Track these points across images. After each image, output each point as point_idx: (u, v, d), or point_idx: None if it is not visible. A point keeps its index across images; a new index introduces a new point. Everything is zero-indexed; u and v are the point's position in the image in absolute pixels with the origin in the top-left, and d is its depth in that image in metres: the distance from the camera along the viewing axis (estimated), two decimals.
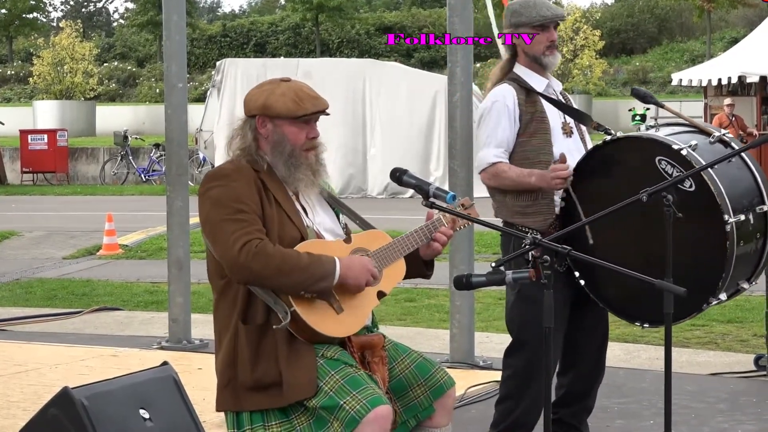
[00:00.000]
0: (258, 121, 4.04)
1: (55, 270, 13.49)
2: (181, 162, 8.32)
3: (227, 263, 3.87)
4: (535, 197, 5.12)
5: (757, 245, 4.95)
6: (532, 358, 5.11)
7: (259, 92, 4.07)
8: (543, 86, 5.27)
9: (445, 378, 4.15)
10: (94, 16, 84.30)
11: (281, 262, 3.81)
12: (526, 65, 5.26)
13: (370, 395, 3.81)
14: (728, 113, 21.35)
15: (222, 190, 3.94)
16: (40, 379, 7.07)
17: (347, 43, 59.26)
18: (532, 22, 5.19)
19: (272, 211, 3.96)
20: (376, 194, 22.80)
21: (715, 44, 51.07)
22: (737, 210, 4.76)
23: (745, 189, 4.91)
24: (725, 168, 4.82)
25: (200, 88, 44.79)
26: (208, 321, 4.13)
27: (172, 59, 8.31)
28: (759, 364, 7.33)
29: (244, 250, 3.81)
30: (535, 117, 5.17)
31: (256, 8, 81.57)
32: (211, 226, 3.93)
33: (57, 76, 45.24)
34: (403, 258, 4.13)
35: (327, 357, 3.91)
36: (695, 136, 4.98)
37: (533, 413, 5.19)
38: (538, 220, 5.10)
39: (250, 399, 3.92)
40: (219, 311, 4.05)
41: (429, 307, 10.17)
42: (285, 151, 4.02)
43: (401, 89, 22.82)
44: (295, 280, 3.82)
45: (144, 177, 28.27)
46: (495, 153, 5.14)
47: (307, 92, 4.07)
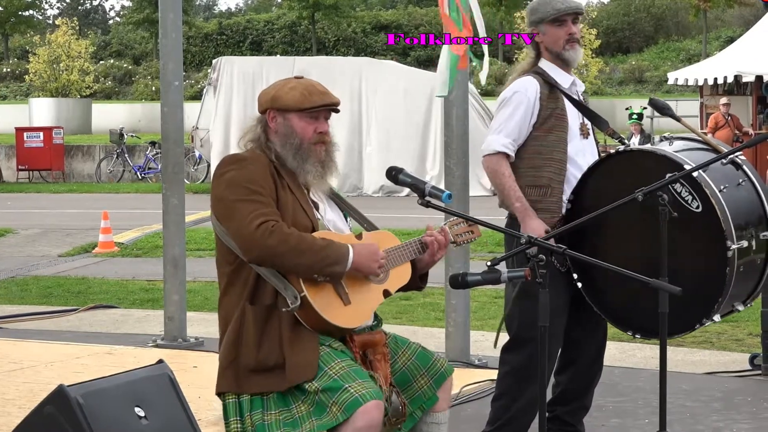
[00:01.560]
0: (268, 115, 4.12)
1: (50, 268, 13.48)
2: (177, 160, 8.31)
3: (244, 239, 3.89)
4: (543, 193, 5.12)
5: (757, 270, 4.97)
6: (531, 356, 5.11)
7: (271, 88, 4.18)
8: (568, 83, 5.25)
9: (445, 366, 4.23)
10: (90, 13, 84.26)
11: (298, 241, 3.86)
12: (551, 61, 5.25)
13: (373, 387, 3.88)
14: (724, 112, 21.36)
15: (238, 173, 4.00)
16: (35, 376, 7.07)
17: (343, 42, 59.28)
18: (549, 17, 5.18)
19: (287, 197, 4.02)
20: (372, 192, 22.81)
21: (711, 43, 51.12)
22: (741, 237, 4.77)
23: (751, 213, 4.92)
24: (734, 191, 4.83)
25: (196, 86, 44.81)
26: (204, 319, 4.14)
27: (168, 57, 8.30)
28: (754, 363, 7.33)
29: (261, 227, 3.85)
30: (555, 113, 5.15)
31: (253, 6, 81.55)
32: (225, 205, 3.97)
33: (53, 73, 45.28)
34: (409, 262, 4.19)
35: (333, 347, 3.97)
36: (707, 155, 4.96)
37: (529, 412, 5.18)
38: (545, 217, 5.10)
39: (252, 381, 3.95)
40: (227, 297, 4.08)
41: (424, 306, 10.18)
42: (294, 144, 4.08)
43: (397, 87, 22.83)
44: (310, 260, 3.87)
45: (140, 175, 28.26)
46: (503, 142, 5.12)
47: (317, 87, 4.15)
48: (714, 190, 4.76)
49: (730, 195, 4.80)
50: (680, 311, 4.71)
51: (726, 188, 4.80)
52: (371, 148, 22.96)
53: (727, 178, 4.86)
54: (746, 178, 4.94)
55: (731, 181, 4.88)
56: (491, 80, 46.18)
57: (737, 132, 21.25)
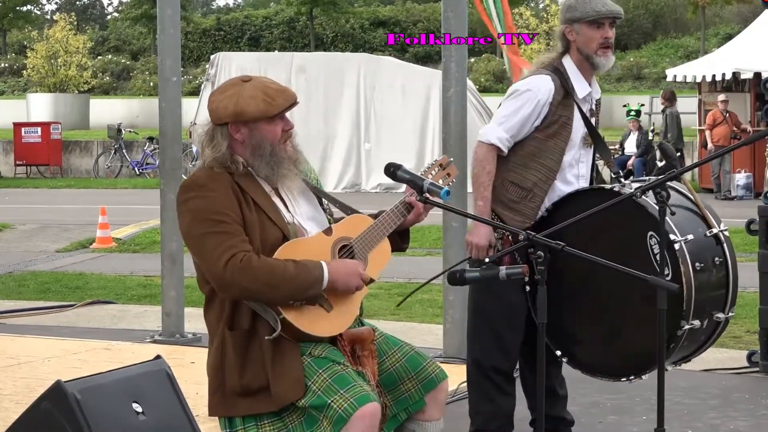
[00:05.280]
0: (231, 128, 3.97)
1: (48, 263, 13.47)
2: (174, 156, 8.31)
3: (214, 280, 3.85)
4: (523, 196, 5.09)
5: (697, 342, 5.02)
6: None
7: (225, 99, 3.96)
8: (584, 93, 5.17)
9: (437, 371, 4.13)
10: (88, 9, 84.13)
11: (269, 275, 3.78)
12: (577, 63, 5.15)
13: (357, 393, 3.81)
14: (722, 109, 21.34)
15: (200, 202, 3.90)
16: (32, 372, 7.07)
17: (341, 38, 59.17)
18: (586, 17, 5.07)
19: (252, 216, 3.92)
20: (370, 189, 22.80)
21: (710, 40, 51.08)
22: (696, 317, 4.79)
23: (716, 297, 4.92)
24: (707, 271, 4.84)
25: (194, 82, 44.69)
26: (201, 315, 4.13)
27: (166, 53, 8.30)
28: (752, 361, 7.34)
29: (230, 265, 3.78)
30: (561, 121, 5.09)
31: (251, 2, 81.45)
32: (193, 240, 3.90)
33: (51, 69, 45.20)
34: (387, 239, 4.10)
35: (314, 356, 3.91)
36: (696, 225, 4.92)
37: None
38: (517, 219, 5.07)
39: (240, 404, 3.91)
40: (208, 315, 4.05)
41: (422, 302, 10.17)
42: (266, 152, 3.97)
43: (396, 84, 22.82)
44: (284, 293, 3.82)
45: (138, 170, 28.24)
46: (500, 136, 5.08)
47: (274, 88, 3.98)
48: (689, 269, 4.74)
49: (702, 275, 4.80)
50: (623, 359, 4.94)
51: (701, 267, 4.79)
52: (369, 144, 22.95)
53: (705, 254, 4.84)
54: (723, 259, 4.92)
55: (708, 259, 4.87)
56: (489, 77, 46.15)
57: (735, 129, 21.23)
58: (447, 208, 4.19)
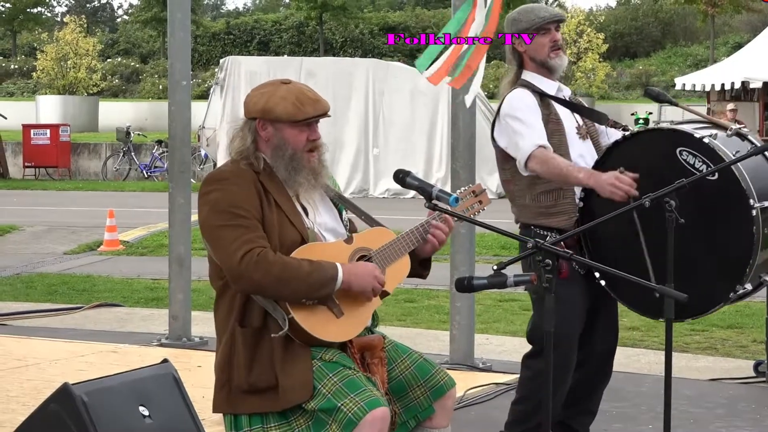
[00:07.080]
0: (258, 123, 4.01)
1: (55, 265, 13.49)
2: (183, 159, 8.32)
3: (229, 271, 3.86)
4: (557, 197, 5.10)
5: None
6: (558, 361, 5.08)
7: (259, 95, 4.03)
8: (554, 90, 5.23)
9: (446, 379, 4.14)
10: (98, 11, 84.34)
11: (282, 270, 3.80)
12: (535, 71, 5.22)
13: (367, 397, 3.81)
14: (731, 118, 21.34)
15: (221, 195, 3.92)
16: (39, 374, 7.08)
17: (351, 43, 59.28)
18: (533, 26, 5.16)
19: (272, 215, 3.94)
20: (379, 194, 22.81)
21: (719, 49, 51.07)
22: (762, 197, 4.76)
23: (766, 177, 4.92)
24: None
25: (203, 85, 44.79)
26: (209, 318, 4.14)
27: (176, 57, 8.32)
28: (758, 371, 7.32)
29: (245, 258, 3.80)
30: (551, 119, 5.13)
31: (260, 6, 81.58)
32: (210, 231, 3.92)
33: (60, 71, 45.30)
34: (407, 255, 4.10)
35: (325, 360, 3.91)
36: (712, 131, 4.97)
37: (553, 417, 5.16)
38: (562, 219, 5.08)
39: (246, 402, 3.91)
40: (218, 312, 4.05)
41: (429, 308, 10.17)
42: (286, 155, 4.00)
43: (404, 89, 22.82)
44: (296, 289, 3.82)
45: (146, 173, 28.27)
46: (536, 140, 5.03)
47: (308, 95, 4.02)
48: (728, 154, 4.75)
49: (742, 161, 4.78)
50: (706, 289, 4.79)
51: (739, 152, 4.77)
52: (378, 150, 22.97)
53: (734, 147, 4.86)
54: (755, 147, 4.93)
55: (742, 149, 4.86)
56: (498, 83, 46.20)
57: None
58: (455, 214, 4.18)
